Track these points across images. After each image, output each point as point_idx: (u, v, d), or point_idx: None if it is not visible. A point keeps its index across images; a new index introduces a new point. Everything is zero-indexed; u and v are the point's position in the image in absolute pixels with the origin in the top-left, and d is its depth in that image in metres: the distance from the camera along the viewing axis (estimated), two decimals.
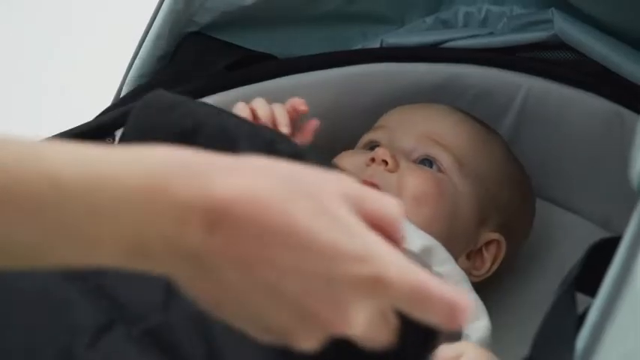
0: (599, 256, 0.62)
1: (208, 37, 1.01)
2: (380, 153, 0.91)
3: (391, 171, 0.91)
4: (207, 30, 1.01)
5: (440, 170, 0.93)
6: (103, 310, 0.67)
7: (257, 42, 1.04)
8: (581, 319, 0.58)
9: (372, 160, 0.92)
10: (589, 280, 0.62)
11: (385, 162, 0.91)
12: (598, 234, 1.04)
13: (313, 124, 0.89)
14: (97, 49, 0.97)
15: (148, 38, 0.98)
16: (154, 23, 0.98)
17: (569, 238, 1.07)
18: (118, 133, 0.88)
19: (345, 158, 0.95)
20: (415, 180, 0.90)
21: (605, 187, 1.05)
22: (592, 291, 0.58)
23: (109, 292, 0.68)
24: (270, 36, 1.05)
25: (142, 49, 0.99)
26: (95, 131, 0.88)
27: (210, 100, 0.96)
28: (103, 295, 0.68)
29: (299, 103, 0.88)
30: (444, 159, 0.93)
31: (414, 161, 0.94)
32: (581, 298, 0.64)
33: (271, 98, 0.99)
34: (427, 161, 0.94)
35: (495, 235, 0.95)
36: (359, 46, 1.11)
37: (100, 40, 0.97)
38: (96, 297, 0.67)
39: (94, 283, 0.68)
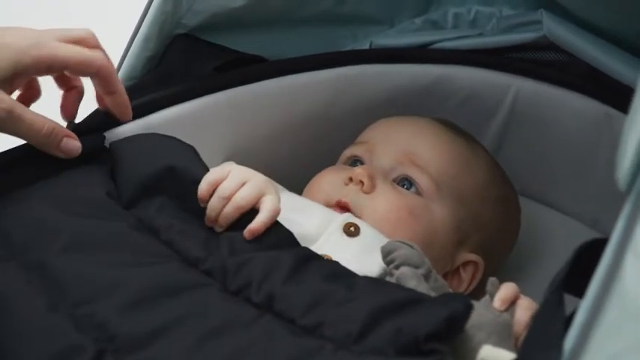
0: (587, 257, 0.62)
1: (197, 39, 1.01)
2: (357, 173, 0.91)
3: (367, 192, 0.90)
4: (195, 32, 1.01)
5: (418, 192, 0.93)
6: (93, 340, 0.66)
7: (246, 44, 1.04)
8: (569, 319, 0.58)
9: (350, 179, 0.92)
10: (577, 281, 0.62)
11: (362, 183, 0.91)
12: (587, 234, 1.04)
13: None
14: None
15: (136, 40, 0.98)
16: (143, 25, 0.98)
17: (558, 239, 1.07)
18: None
19: (325, 175, 0.95)
20: (387, 204, 0.90)
21: (594, 187, 1.05)
22: (580, 292, 0.58)
23: (98, 322, 0.67)
24: (260, 38, 1.05)
25: (130, 51, 0.99)
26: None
27: (199, 102, 0.96)
28: (92, 324, 0.67)
29: (256, 230, 0.75)
30: (422, 181, 0.93)
31: (394, 180, 0.93)
32: (569, 298, 0.65)
33: (261, 101, 0.99)
34: (407, 181, 0.93)
35: (473, 257, 0.94)
36: (349, 48, 1.11)
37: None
38: (85, 326, 0.67)
39: (81, 311, 0.68)
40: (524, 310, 0.72)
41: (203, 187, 0.76)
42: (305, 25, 1.08)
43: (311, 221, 0.85)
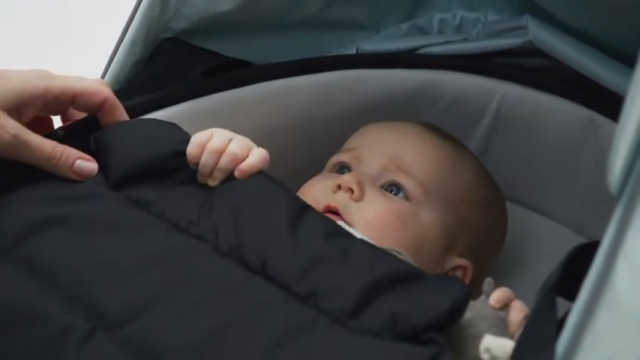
0: (579, 260, 0.62)
1: (184, 44, 1.01)
2: (346, 180, 0.91)
3: (356, 200, 0.90)
4: (182, 36, 1.01)
5: (406, 197, 0.93)
6: (84, 319, 0.66)
7: (233, 48, 1.04)
8: (561, 322, 0.58)
9: (339, 186, 0.92)
10: (569, 284, 0.62)
11: (351, 190, 0.91)
12: (572, 239, 1.05)
13: None
14: (96, 59, 0.98)
15: (122, 44, 0.98)
16: (129, 29, 0.98)
17: (543, 243, 1.08)
18: None
19: (313, 184, 0.95)
20: (376, 211, 0.90)
21: (580, 192, 1.06)
22: (572, 295, 0.59)
23: (87, 300, 0.67)
24: (247, 42, 1.05)
25: (117, 55, 0.98)
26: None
27: (186, 106, 0.96)
28: (81, 304, 0.67)
29: (247, 170, 0.77)
30: (410, 187, 0.93)
31: (382, 186, 0.93)
32: (560, 302, 0.65)
33: (247, 106, 0.99)
34: (395, 187, 0.93)
35: (462, 261, 0.94)
36: (335, 53, 1.11)
37: (100, 51, 0.98)
38: (74, 306, 0.67)
39: (70, 292, 0.68)
40: (518, 312, 0.72)
41: (192, 148, 0.77)
42: (291, 30, 1.08)
43: None
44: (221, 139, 0.78)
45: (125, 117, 0.84)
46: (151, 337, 0.65)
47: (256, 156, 0.78)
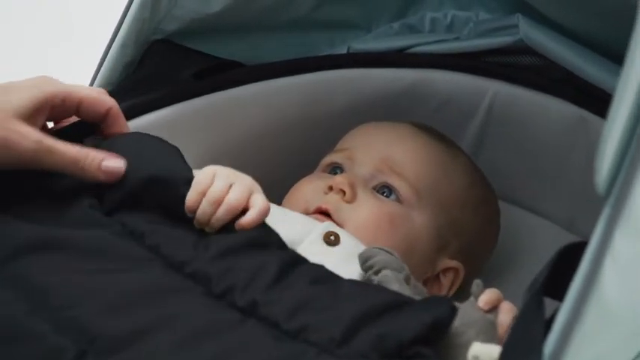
0: (567, 260, 0.63)
1: (175, 45, 1.01)
2: (338, 182, 0.91)
3: (348, 201, 0.90)
4: (174, 37, 1.01)
5: (398, 200, 0.93)
6: (74, 342, 0.66)
7: (224, 49, 1.04)
8: (548, 323, 0.58)
9: (331, 188, 0.92)
10: (556, 285, 0.62)
11: (343, 191, 0.91)
12: (563, 236, 1.05)
13: None
14: (96, 59, 0.98)
15: (113, 46, 0.98)
16: (120, 31, 0.97)
17: (534, 241, 1.08)
18: None
19: (305, 184, 0.95)
20: (368, 213, 0.90)
21: (570, 190, 1.06)
22: (559, 295, 0.59)
23: (79, 324, 0.67)
24: (238, 43, 1.05)
25: (107, 57, 0.98)
26: None
27: (176, 108, 0.96)
28: (73, 327, 0.67)
29: (247, 226, 0.75)
30: (402, 189, 0.93)
31: (374, 188, 0.93)
32: (547, 301, 0.65)
33: (238, 107, 0.99)
34: (387, 189, 0.93)
35: (453, 263, 0.94)
36: (326, 53, 1.11)
37: (99, 51, 0.98)
38: (65, 328, 0.67)
39: (62, 314, 0.68)
40: (507, 313, 0.72)
41: (192, 196, 0.75)
42: (282, 30, 1.08)
43: (291, 230, 0.85)
44: (222, 183, 0.76)
45: (127, 128, 0.83)
46: None
47: (257, 210, 0.75)
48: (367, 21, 1.13)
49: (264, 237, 0.75)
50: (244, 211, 0.75)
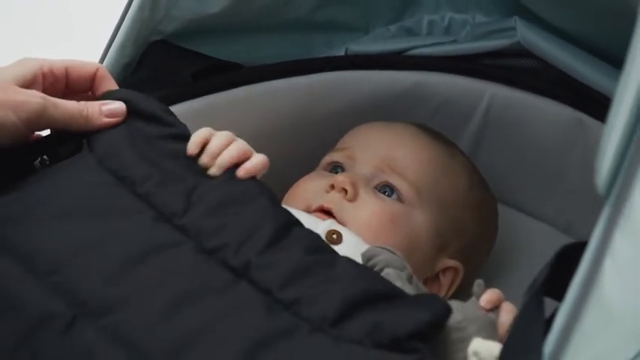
0: (566, 260, 0.63)
1: (174, 46, 1.01)
2: (340, 180, 0.91)
3: (350, 200, 0.91)
4: (172, 38, 1.01)
5: (400, 199, 0.93)
6: (65, 306, 0.66)
7: (222, 50, 1.04)
8: (548, 323, 0.58)
9: (332, 186, 0.92)
10: (556, 285, 0.63)
11: (345, 190, 0.91)
12: (560, 239, 1.05)
13: None
14: (96, 59, 0.98)
15: (113, 46, 0.98)
16: (119, 31, 0.97)
17: (531, 244, 1.08)
18: None
19: (306, 182, 0.95)
20: (370, 212, 0.90)
21: (568, 192, 1.06)
22: (559, 295, 0.59)
23: (69, 288, 0.67)
24: (236, 44, 1.05)
25: (106, 58, 0.98)
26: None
27: (176, 108, 0.95)
28: (64, 291, 0.67)
29: (254, 169, 0.77)
30: (403, 188, 0.93)
31: (375, 187, 0.93)
32: (547, 302, 0.65)
33: (237, 108, 0.99)
34: (388, 188, 0.93)
35: (453, 263, 0.95)
36: (324, 54, 1.11)
37: (99, 51, 0.98)
38: (58, 293, 0.67)
39: (50, 279, 0.68)
40: (508, 314, 0.73)
41: (192, 146, 0.77)
42: (281, 32, 1.08)
43: None
44: (221, 140, 0.77)
45: (116, 87, 0.84)
46: (132, 330, 0.64)
47: (259, 158, 0.77)
48: (365, 23, 1.14)
49: (260, 188, 0.75)
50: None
